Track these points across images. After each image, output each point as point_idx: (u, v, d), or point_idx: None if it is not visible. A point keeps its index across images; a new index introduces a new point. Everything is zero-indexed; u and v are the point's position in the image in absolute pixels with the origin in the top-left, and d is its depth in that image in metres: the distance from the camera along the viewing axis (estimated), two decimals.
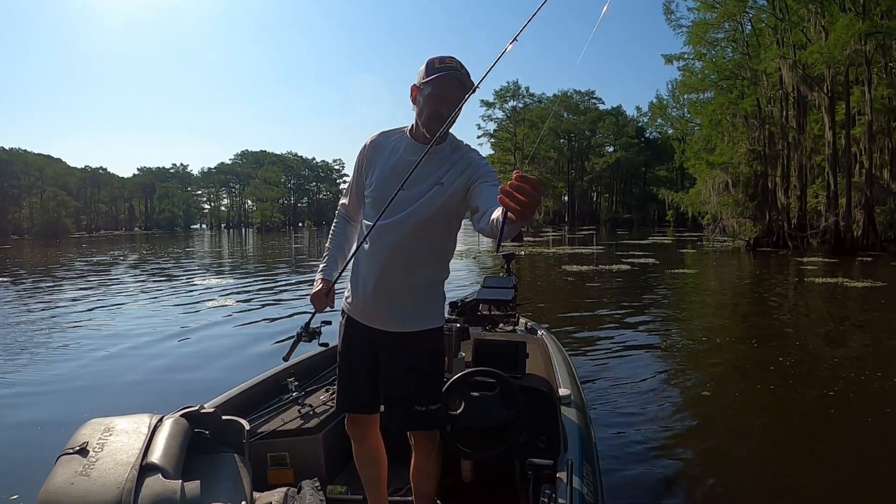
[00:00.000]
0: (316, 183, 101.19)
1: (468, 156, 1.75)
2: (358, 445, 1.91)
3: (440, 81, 1.64)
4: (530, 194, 1.12)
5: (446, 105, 1.65)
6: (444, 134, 1.72)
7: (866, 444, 3.43)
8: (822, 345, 6.35)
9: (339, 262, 1.87)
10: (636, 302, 9.32)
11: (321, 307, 1.80)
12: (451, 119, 1.66)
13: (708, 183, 24.83)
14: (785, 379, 4.80)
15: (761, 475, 3.01)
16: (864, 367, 5.05)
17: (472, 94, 1.63)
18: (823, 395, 4.37)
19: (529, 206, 1.13)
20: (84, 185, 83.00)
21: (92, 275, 15.37)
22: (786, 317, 8.30)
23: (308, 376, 2.74)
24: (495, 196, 1.47)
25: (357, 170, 1.86)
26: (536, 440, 2.19)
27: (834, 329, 7.32)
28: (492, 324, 3.64)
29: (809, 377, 4.93)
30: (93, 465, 1.37)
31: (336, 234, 1.94)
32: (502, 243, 1.34)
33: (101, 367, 5.37)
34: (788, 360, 5.42)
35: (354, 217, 1.93)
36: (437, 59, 1.67)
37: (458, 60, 1.68)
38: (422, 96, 1.68)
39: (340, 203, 1.98)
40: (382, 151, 1.78)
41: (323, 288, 1.79)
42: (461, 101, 1.64)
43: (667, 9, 27.71)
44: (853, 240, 19.10)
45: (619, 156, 66.71)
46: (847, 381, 4.72)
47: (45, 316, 8.29)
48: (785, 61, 20.23)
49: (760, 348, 6.00)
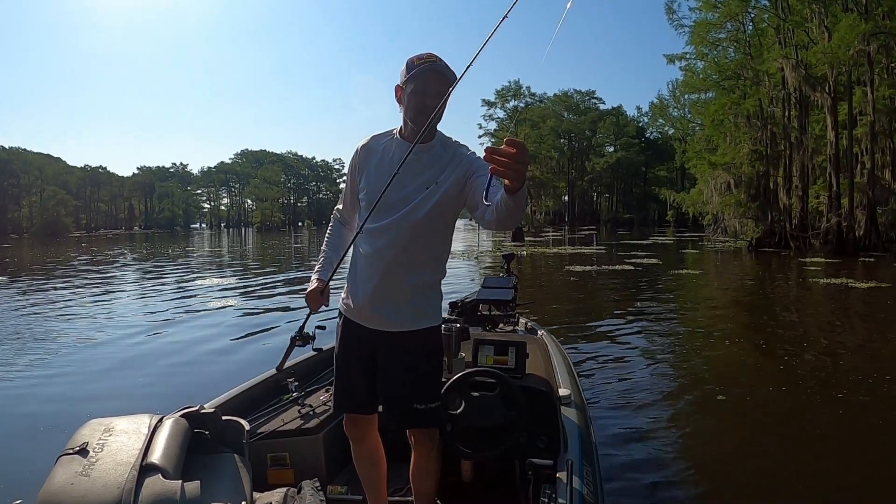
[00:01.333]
0: (316, 182, 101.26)
1: (459, 151, 1.77)
2: (357, 446, 1.91)
3: (421, 76, 1.66)
4: (515, 156, 1.17)
5: (430, 97, 1.68)
6: (432, 130, 1.74)
7: (875, 448, 3.40)
8: (829, 346, 6.25)
9: (334, 265, 1.89)
10: (639, 302, 9.30)
11: (316, 306, 1.82)
12: (438, 111, 1.67)
13: (710, 183, 24.84)
14: (793, 381, 4.76)
15: (762, 476, 3.01)
16: (875, 369, 4.99)
17: (464, 74, 1.64)
18: (832, 396, 4.34)
19: (519, 167, 1.20)
20: (84, 184, 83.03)
21: (91, 274, 15.37)
22: (793, 318, 8.24)
23: (308, 377, 2.74)
24: (495, 188, 1.49)
25: (351, 174, 1.88)
26: (536, 440, 2.19)
27: (842, 330, 7.26)
28: (492, 324, 3.64)
29: (818, 379, 4.90)
30: (93, 466, 1.36)
31: (331, 237, 1.96)
32: (515, 231, 1.40)
33: (100, 367, 5.36)
34: (794, 360, 5.41)
35: (350, 221, 1.96)
36: (416, 57, 1.70)
37: (436, 55, 1.71)
38: (405, 94, 1.71)
39: (336, 208, 2.01)
40: (374, 154, 1.80)
41: (318, 287, 1.80)
42: (445, 93, 1.67)
43: (668, 8, 27.79)
44: (855, 240, 19.08)
45: (619, 156, 66.72)
46: (857, 383, 4.64)
47: (44, 316, 8.28)
48: (788, 61, 20.21)
49: (766, 349, 5.98)
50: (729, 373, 5.18)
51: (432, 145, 1.76)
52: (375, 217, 1.74)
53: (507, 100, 55.63)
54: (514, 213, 1.42)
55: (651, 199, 68.53)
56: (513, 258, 5.01)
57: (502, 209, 1.43)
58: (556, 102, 65.76)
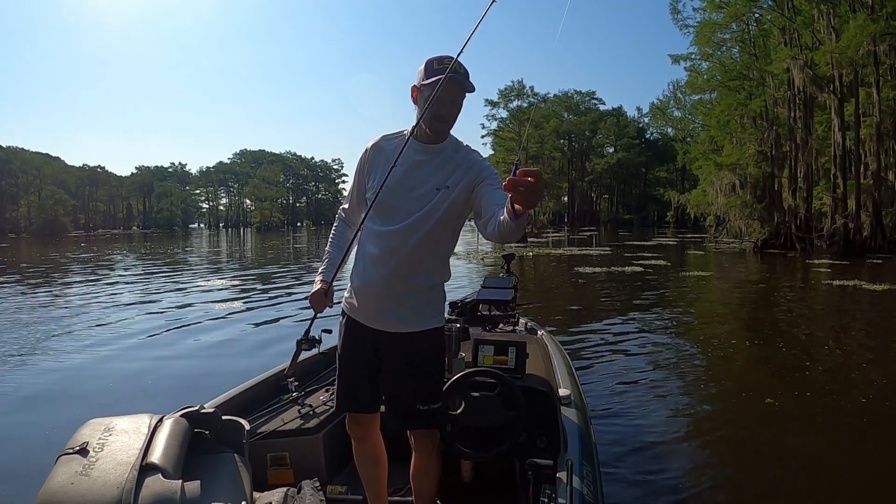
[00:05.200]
0: (315, 182, 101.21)
1: (471, 157, 1.77)
2: (358, 445, 1.91)
3: (441, 84, 1.64)
4: (534, 186, 1.20)
5: (446, 106, 1.68)
6: (445, 132, 1.74)
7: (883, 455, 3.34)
8: (844, 349, 6.10)
9: (338, 266, 1.87)
10: (646, 303, 9.27)
11: (320, 307, 1.80)
12: (453, 118, 1.70)
13: (715, 184, 24.78)
14: (802, 384, 4.67)
15: (763, 476, 3.01)
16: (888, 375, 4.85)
17: (455, 62, 1.64)
18: (845, 398, 4.31)
19: (534, 196, 1.22)
20: (82, 183, 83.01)
21: (90, 274, 15.35)
22: (807, 321, 8.01)
23: (308, 376, 2.74)
24: (500, 199, 1.53)
25: (359, 174, 1.86)
26: (536, 440, 2.19)
27: (858, 333, 7.07)
28: (492, 324, 3.64)
29: (833, 384, 4.79)
30: (93, 465, 1.36)
31: (336, 237, 1.94)
32: (517, 241, 1.45)
33: (100, 366, 5.36)
34: (805, 362, 5.35)
35: (355, 222, 1.92)
36: (436, 60, 1.68)
37: (458, 62, 1.67)
38: (422, 97, 1.70)
39: (341, 208, 1.99)
40: (383, 154, 1.79)
41: (321, 288, 1.79)
42: (460, 101, 1.68)
43: (673, 8, 27.73)
44: (862, 242, 18.97)
45: (619, 156, 66.67)
46: (879, 387, 4.54)
47: (44, 315, 8.28)
48: (796, 62, 20.13)
49: (772, 351, 5.92)
50: (731, 374, 5.16)
51: (443, 147, 1.75)
52: (384, 219, 1.73)
53: (510, 100, 55.50)
54: (516, 232, 1.47)
55: (651, 200, 68.56)
56: (513, 258, 5.01)
57: (505, 228, 1.48)
58: (556, 103, 65.67)
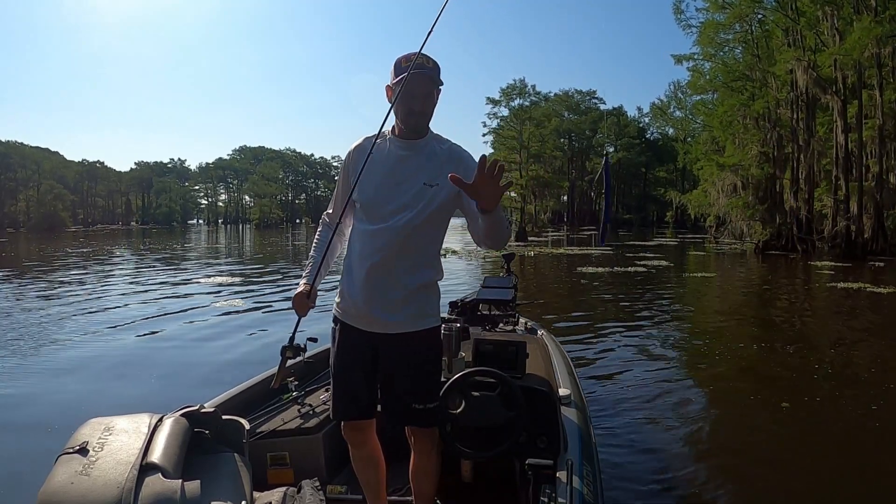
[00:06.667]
0: (314, 179, 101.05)
1: (458, 153, 1.78)
2: (356, 450, 1.90)
3: (408, 78, 1.65)
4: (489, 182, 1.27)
5: (417, 100, 1.70)
6: (424, 128, 1.76)
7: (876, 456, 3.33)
8: (845, 349, 6.07)
9: (322, 269, 1.85)
10: (647, 303, 9.28)
11: (303, 310, 1.76)
12: (427, 112, 1.72)
13: (717, 185, 24.74)
14: (805, 385, 4.66)
15: (763, 476, 3.01)
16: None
17: (420, 56, 1.66)
18: (848, 399, 4.30)
19: (489, 191, 1.32)
20: (81, 178, 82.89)
21: (88, 271, 15.33)
22: (807, 323, 8.00)
23: (308, 376, 2.74)
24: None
25: (344, 176, 1.86)
26: (536, 440, 2.18)
27: (862, 336, 6.99)
28: (492, 324, 3.64)
29: (828, 385, 4.77)
30: (93, 465, 1.36)
31: (320, 242, 1.91)
32: (508, 237, 1.47)
33: (100, 365, 5.34)
34: (808, 365, 5.33)
35: (341, 225, 1.90)
36: (404, 58, 1.70)
37: (424, 55, 1.69)
38: (395, 95, 1.71)
39: (325, 213, 1.98)
40: (367, 154, 1.77)
41: (304, 290, 1.77)
42: (432, 93, 1.71)
43: (677, 8, 27.68)
44: (864, 244, 18.95)
45: (619, 156, 66.57)
46: (882, 390, 4.50)
47: (43, 315, 8.27)
48: (800, 63, 20.08)
49: (773, 353, 5.92)
50: (732, 375, 5.14)
51: (427, 142, 1.76)
52: (373, 217, 1.73)
53: (511, 98, 55.35)
54: (491, 233, 1.55)
55: (650, 200, 68.54)
56: (513, 258, 5.00)
57: (479, 228, 1.54)
58: (556, 102, 65.58)
